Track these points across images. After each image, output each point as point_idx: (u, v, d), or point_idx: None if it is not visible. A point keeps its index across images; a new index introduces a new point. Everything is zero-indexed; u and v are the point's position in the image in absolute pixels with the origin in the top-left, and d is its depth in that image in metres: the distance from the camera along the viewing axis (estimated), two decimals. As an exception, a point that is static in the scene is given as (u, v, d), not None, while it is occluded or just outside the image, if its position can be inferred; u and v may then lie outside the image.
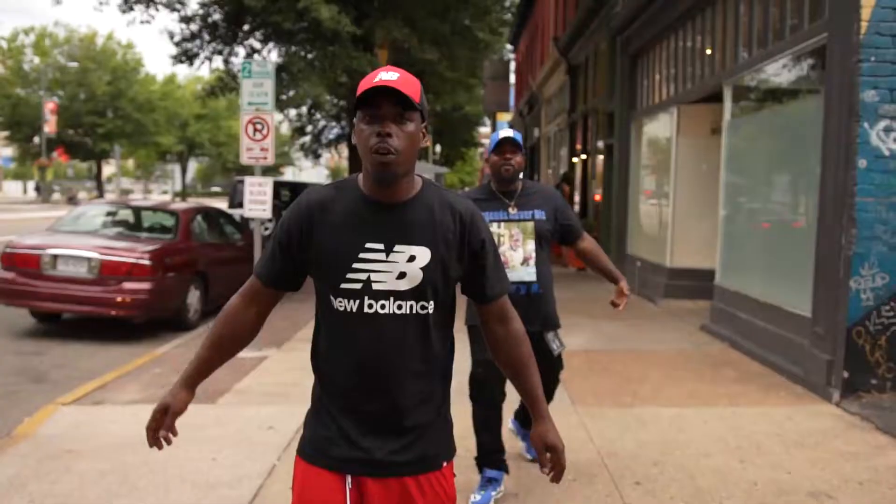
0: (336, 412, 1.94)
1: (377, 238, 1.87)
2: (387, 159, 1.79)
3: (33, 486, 4.05)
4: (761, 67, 7.41)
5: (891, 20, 5.34)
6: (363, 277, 1.87)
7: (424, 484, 1.93)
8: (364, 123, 1.83)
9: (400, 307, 1.88)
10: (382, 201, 1.89)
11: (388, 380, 1.90)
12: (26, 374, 6.73)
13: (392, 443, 1.92)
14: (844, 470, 4.22)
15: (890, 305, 5.44)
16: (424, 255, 1.88)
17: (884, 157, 5.39)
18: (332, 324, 1.93)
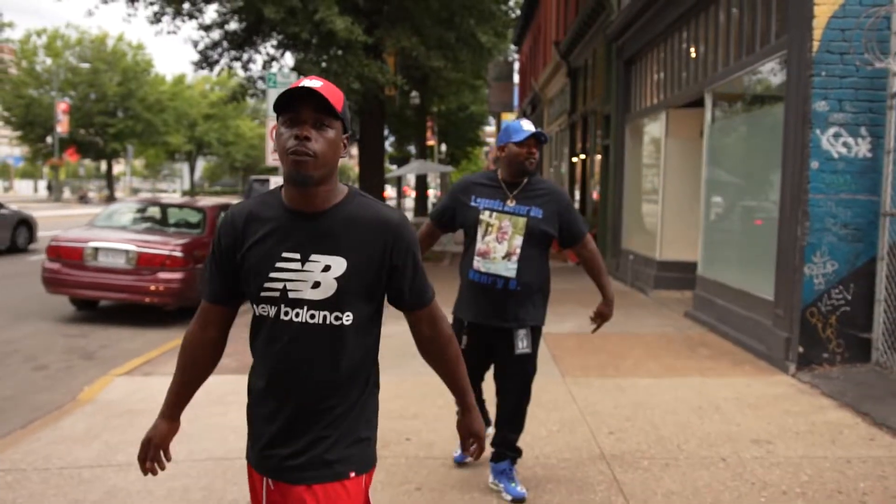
0: (255, 414, 2.01)
1: (294, 248, 1.88)
2: (303, 159, 1.79)
3: (106, 435, 4.86)
4: (736, 77, 8.19)
5: (839, 40, 6.11)
6: (279, 286, 1.89)
7: (320, 494, 1.90)
8: (284, 127, 1.84)
9: (313, 316, 1.89)
10: (302, 210, 1.89)
11: (299, 386, 1.91)
12: (76, 352, 7.55)
13: (294, 448, 1.92)
14: (786, 424, 5.00)
15: (839, 289, 6.22)
16: (340, 265, 1.88)
17: (833, 160, 6.17)
18: (256, 329, 1.97)
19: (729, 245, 8.57)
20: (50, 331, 8.47)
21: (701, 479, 4.04)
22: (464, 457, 4.15)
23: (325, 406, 1.92)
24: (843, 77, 6.14)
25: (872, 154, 6.15)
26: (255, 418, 2.00)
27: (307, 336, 1.89)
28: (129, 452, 4.56)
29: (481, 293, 3.69)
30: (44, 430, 5.00)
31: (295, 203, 1.89)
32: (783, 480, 4.02)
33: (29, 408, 5.64)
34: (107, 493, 3.94)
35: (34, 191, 76.55)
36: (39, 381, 6.43)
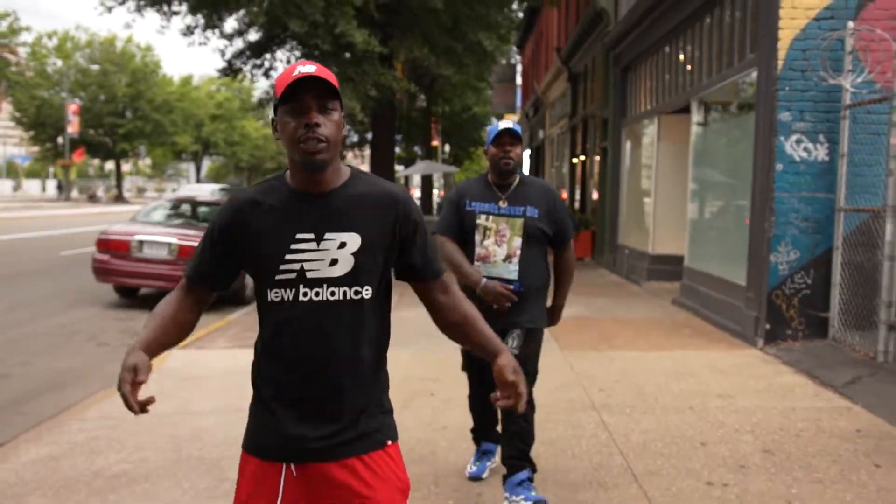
0: (272, 401, 1.95)
1: (307, 228, 1.89)
2: (317, 148, 1.82)
3: (178, 394, 5.82)
4: (717, 87, 9.15)
5: (800, 59, 7.07)
6: (296, 267, 1.89)
7: (370, 462, 1.94)
8: (289, 116, 1.85)
9: (333, 293, 1.89)
10: (311, 192, 1.91)
11: (325, 365, 1.91)
12: (129, 332, 8.51)
13: (329, 427, 1.92)
14: (748, 384, 5.96)
15: (800, 274, 7.18)
16: (355, 240, 1.90)
17: (795, 163, 7.13)
18: (271, 315, 1.94)
19: (711, 239, 9.54)
20: (101, 315, 9.44)
21: (671, 421, 5.00)
22: (479, 472, 4.01)
23: (354, 381, 1.93)
24: (804, 91, 7.10)
25: (829, 158, 7.11)
26: (272, 405, 1.95)
27: (330, 313, 1.89)
28: (203, 405, 5.54)
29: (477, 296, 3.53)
30: (124, 390, 5.96)
31: (303, 185, 1.91)
32: (737, 422, 4.99)
33: (103, 376, 6.58)
34: (192, 431, 4.90)
35: (42, 190, 77.56)
36: (105, 356, 7.40)
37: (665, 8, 10.83)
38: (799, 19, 7.07)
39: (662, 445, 4.55)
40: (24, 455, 4.48)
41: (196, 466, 4.27)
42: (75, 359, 7.21)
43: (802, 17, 7.07)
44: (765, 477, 4.05)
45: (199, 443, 4.67)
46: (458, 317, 2.06)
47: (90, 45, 54.13)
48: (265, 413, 1.97)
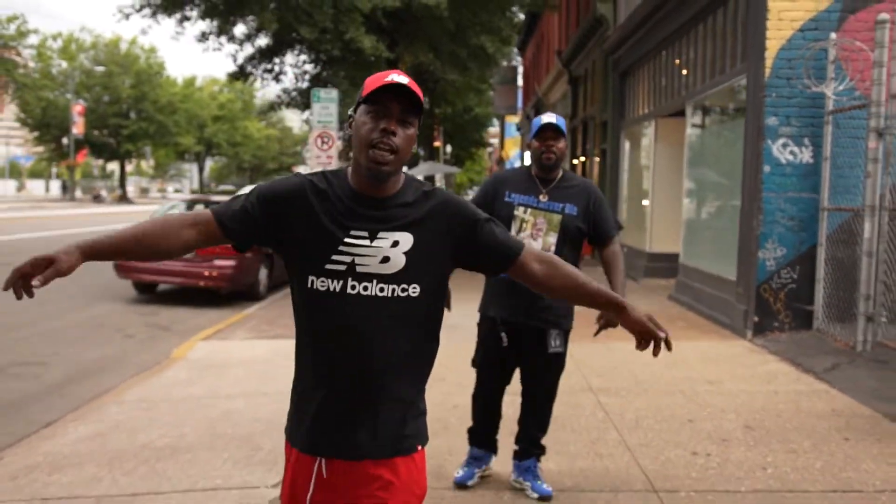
0: (314, 394, 1.94)
1: (362, 227, 1.89)
2: (385, 158, 1.83)
3: (205, 381, 6.27)
4: (710, 93, 9.61)
5: (786, 67, 7.52)
6: (347, 260, 1.88)
7: (396, 467, 1.94)
8: (368, 117, 1.84)
9: (382, 290, 1.88)
10: (369, 195, 1.91)
11: (366, 360, 1.89)
12: (153, 326, 8.97)
13: (364, 425, 1.91)
14: (735, 371, 6.42)
15: (787, 270, 7.63)
16: (407, 240, 1.89)
17: (781, 165, 7.58)
18: (315, 305, 1.91)
19: (704, 237, 9.99)
20: (125, 310, 9.91)
21: (663, 402, 5.46)
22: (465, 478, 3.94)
23: (394, 378, 1.92)
24: (789, 98, 7.56)
25: (813, 160, 7.56)
26: (311, 398, 1.95)
27: (377, 308, 1.88)
28: (230, 390, 6.00)
29: (514, 291, 3.51)
30: (155, 377, 6.42)
31: (363, 188, 1.91)
32: (723, 403, 5.44)
33: (133, 364, 7.05)
34: (223, 412, 5.35)
35: (46, 191, 78.04)
36: (133, 346, 7.86)
37: (661, 16, 11.28)
38: (785, 30, 7.53)
39: (654, 422, 5.01)
40: (73, 432, 4.94)
41: (231, 441, 4.73)
42: (105, 348, 7.67)
43: (788, 28, 7.53)
44: (744, 448, 4.51)
45: (231, 421, 5.12)
46: (559, 282, 2.02)
47: (95, 47, 54.56)
48: (303, 404, 1.97)
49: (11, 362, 6.92)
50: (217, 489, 3.94)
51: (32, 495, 3.90)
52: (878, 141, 6.58)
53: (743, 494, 3.85)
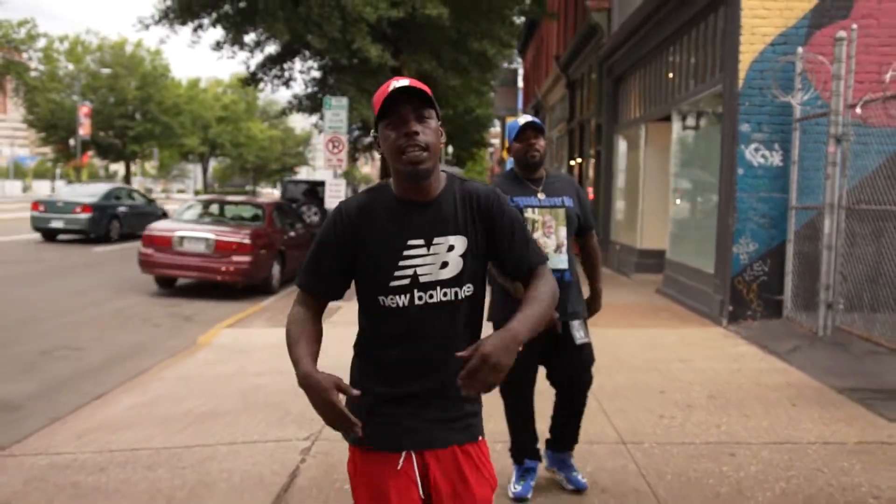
0: (385, 397, 2.01)
1: (417, 235, 1.95)
2: (419, 157, 1.88)
3: (233, 361, 7.01)
4: (693, 100, 10.34)
5: (758, 78, 8.26)
6: (410, 273, 1.94)
7: (469, 452, 2.04)
8: (390, 130, 1.91)
9: (446, 294, 1.96)
10: (416, 201, 1.97)
11: (439, 362, 1.98)
12: (177, 316, 9.71)
13: (438, 417, 2.01)
14: (707, 353, 7.16)
15: (759, 263, 8.37)
16: (462, 242, 1.97)
17: (754, 167, 8.32)
18: (383, 320, 1.99)
19: (688, 234, 10.74)
20: (149, 302, 10.65)
21: (639, 378, 6.20)
22: (524, 493, 3.81)
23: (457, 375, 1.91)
24: (761, 106, 8.29)
25: (783, 163, 8.29)
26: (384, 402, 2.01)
27: (440, 313, 1.97)
28: (256, 369, 6.74)
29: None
30: (187, 359, 7.16)
31: (408, 195, 1.97)
32: (691, 378, 6.18)
33: (164, 348, 7.79)
34: (252, 386, 6.09)
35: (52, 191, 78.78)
36: (161, 334, 8.60)
37: (650, 27, 12.02)
38: (757, 44, 8.26)
39: (629, 393, 5.75)
40: (123, 402, 5.68)
41: (263, 407, 5.47)
42: (137, 335, 8.41)
43: (760, 42, 8.26)
44: (705, 413, 5.25)
45: (261, 393, 5.86)
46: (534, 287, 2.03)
47: (101, 49, 55.21)
48: (376, 408, 2.01)
49: (55, 346, 7.66)
50: (256, 442, 4.69)
51: (100, 448, 4.64)
52: (837, 146, 7.31)
53: (696, 445, 4.59)
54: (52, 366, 6.92)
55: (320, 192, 18.11)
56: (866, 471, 4.16)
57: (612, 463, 4.32)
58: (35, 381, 6.40)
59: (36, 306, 9.75)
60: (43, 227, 18.41)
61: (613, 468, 4.24)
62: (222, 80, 71.18)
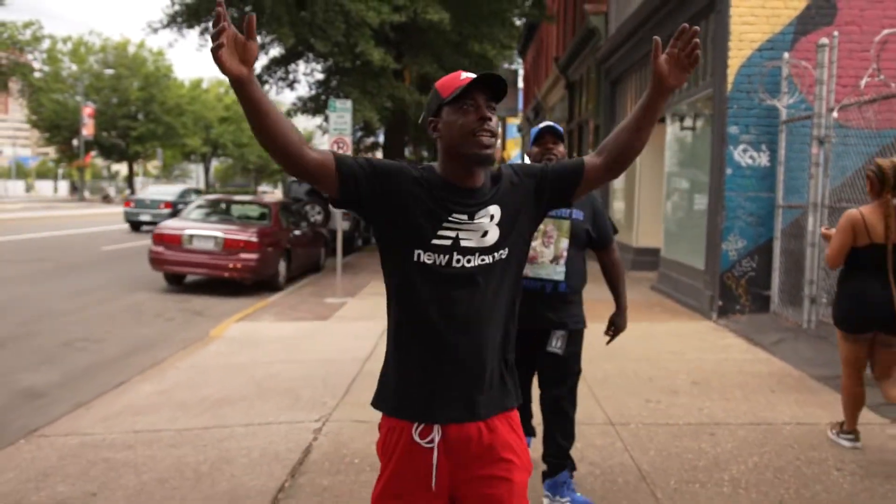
0: (419, 364, 2.02)
1: (461, 211, 1.99)
2: (490, 141, 1.95)
3: (245, 352, 7.37)
4: (686, 103, 10.70)
5: (746, 83, 8.61)
6: (452, 235, 1.98)
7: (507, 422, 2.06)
8: (458, 115, 1.96)
9: (483, 259, 1.99)
10: (464, 186, 2.01)
11: (474, 327, 1.99)
12: (188, 311, 10.08)
13: (474, 387, 2.00)
14: (695, 344, 7.52)
15: (747, 259, 8.72)
16: (496, 211, 2.02)
17: (742, 168, 8.67)
18: (419, 278, 1.99)
19: (681, 232, 11.09)
20: (159, 298, 11.02)
21: (629, 366, 6.56)
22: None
23: (493, 339, 2.03)
24: (749, 109, 8.65)
25: (770, 164, 8.65)
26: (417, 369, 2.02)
27: (478, 277, 1.99)
28: (267, 358, 7.10)
29: (527, 298, 3.21)
30: (201, 350, 7.52)
31: (457, 180, 2.01)
32: (679, 367, 6.54)
33: (177, 340, 8.15)
34: (265, 374, 6.45)
35: (54, 191, 79.24)
36: (174, 327, 8.96)
37: (645, 32, 12.37)
38: (745, 50, 8.62)
39: (619, 380, 6.11)
40: (143, 389, 6.04)
41: (276, 393, 5.83)
42: (150, 329, 8.78)
43: (748, 48, 8.62)
44: (688, 398, 5.61)
45: (273, 381, 6.22)
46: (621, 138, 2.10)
47: (104, 50, 55.59)
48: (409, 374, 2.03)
49: (75, 338, 8.02)
50: (270, 424, 5.05)
51: (125, 430, 5.00)
52: (820, 148, 7.67)
53: (679, 426, 4.95)
54: (72, 357, 7.29)
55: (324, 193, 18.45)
56: (833, 447, 4.52)
57: (600, 441, 4.68)
58: (58, 370, 6.76)
59: (52, 302, 10.12)
60: (133, 220, 23.87)
61: (602, 445, 4.60)
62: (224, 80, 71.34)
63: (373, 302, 10.44)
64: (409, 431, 2.01)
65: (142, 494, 3.88)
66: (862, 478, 4.06)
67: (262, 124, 1.85)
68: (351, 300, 10.68)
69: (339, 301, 10.49)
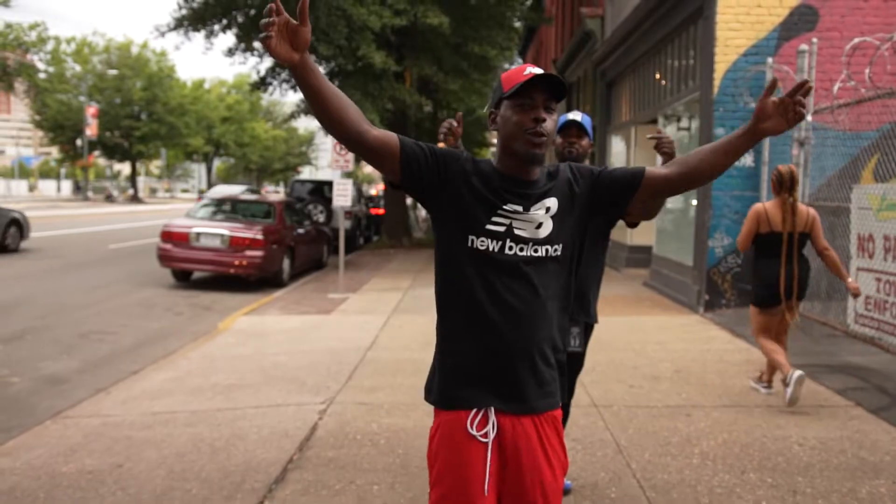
0: (471, 353, 2.01)
1: (516, 202, 2.02)
2: (540, 142, 1.97)
3: (252, 343, 7.76)
4: (676, 105, 11.08)
5: (731, 87, 8.99)
6: (506, 223, 2.00)
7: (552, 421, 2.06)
8: (515, 111, 2.00)
9: (536, 251, 2.01)
10: (520, 178, 2.04)
11: (525, 320, 1.99)
12: (197, 306, 10.47)
13: (524, 380, 2.00)
14: (681, 335, 7.90)
15: (732, 256, 9.10)
16: (553, 204, 2.03)
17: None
18: (473, 264, 2.00)
19: (671, 230, 11.47)
20: (168, 293, 11.41)
21: (616, 356, 6.94)
22: None
23: (543, 330, 2.02)
24: (734, 112, 9.02)
25: (755, 164, 9.02)
26: (470, 357, 2.02)
27: (530, 268, 2.00)
28: (274, 349, 7.49)
29: None
30: (210, 342, 7.90)
31: (514, 172, 2.05)
32: (663, 356, 6.92)
33: (188, 333, 8.53)
34: (272, 363, 6.84)
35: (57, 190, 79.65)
36: (183, 321, 9.35)
37: (638, 36, 12.75)
38: (731, 55, 9.00)
39: (605, 368, 6.49)
40: (158, 377, 6.42)
41: (281, 380, 6.21)
42: (162, 322, 9.17)
43: (733, 53, 9.00)
44: (669, 384, 5.99)
45: (280, 369, 6.60)
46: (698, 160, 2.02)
47: (107, 51, 55.95)
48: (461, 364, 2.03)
49: (91, 331, 8.41)
50: (279, 406, 5.43)
51: (143, 412, 5.38)
52: (800, 149, 8.04)
53: (658, 408, 5.33)
54: (90, 347, 7.68)
55: (326, 192, 18.88)
56: (798, 426, 4.91)
57: (583, 421, 5.06)
58: (77, 359, 7.15)
59: (65, 297, 10.52)
60: None
61: (584, 424, 4.98)
62: (226, 80, 71.87)
63: (374, 297, 10.83)
64: (464, 424, 2.00)
65: (163, 466, 4.27)
66: (820, 451, 4.44)
67: (318, 106, 1.90)
68: (353, 295, 11.07)
69: (341, 296, 10.88)
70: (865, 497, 3.79)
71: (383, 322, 8.81)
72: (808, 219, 5.41)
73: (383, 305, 10.07)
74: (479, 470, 1.97)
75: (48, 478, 4.10)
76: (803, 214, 5.41)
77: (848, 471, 4.13)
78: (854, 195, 6.76)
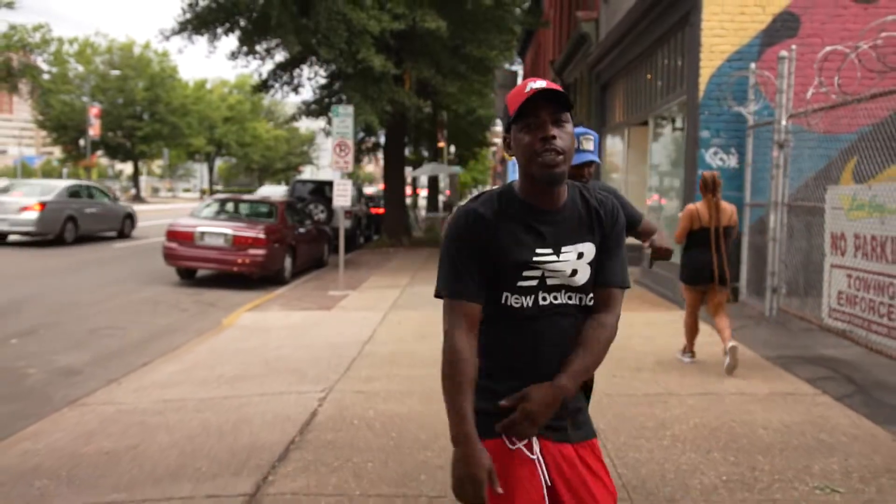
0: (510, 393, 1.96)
1: (547, 244, 1.95)
2: (555, 160, 1.87)
3: (255, 338, 8.12)
4: (665, 108, 11.43)
5: (716, 91, 9.33)
6: (538, 275, 1.95)
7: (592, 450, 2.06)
8: (525, 133, 1.90)
9: (570, 298, 1.98)
10: (544, 208, 1.97)
11: (558, 364, 1.96)
12: (201, 303, 10.83)
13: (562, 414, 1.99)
14: (666, 331, 8.25)
15: (717, 254, 9.43)
16: (590, 250, 1.99)
17: (712, 169, 9.39)
18: (508, 319, 1.98)
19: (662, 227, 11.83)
20: (173, 291, 11.77)
21: (602, 349, 7.28)
22: None
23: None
24: (718, 115, 9.37)
25: (739, 165, 9.37)
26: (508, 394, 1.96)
27: (566, 316, 1.98)
28: (276, 344, 7.84)
29: None
30: (215, 336, 8.26)
31: (537, 202, 1.97)
32: (647, 349, 7.28)
33: (193, 329, 8.89)
34: (275, 356, 7.19)
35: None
36: (188, 317, 9.71)
37: (630, 40, 13.10)
38: (715, 60, 9.34)
39: (591, 360, 6.83)
40: (166, 369, 6.78)
41: (284, 371, 6.57)
42: (168, 318, 9.53)
43: (718, 58, 9.34)
44: (649, 375, 6.34)
45: (282, 362, 6.96)
46: (587, 334, 2.00)
47: (110, 51, 56.32)
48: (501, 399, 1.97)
49: (100, 327, 8.78)
50: (282, 394, 5.79)
51: (154, 400, 5.74)
52: (780, 151, 8.39)
53: (637, 397, 5.68)
54: (100, 341, 8.04)
55: (327, 192, 19.22)
56: (765, 411, 5.26)
57: (566, 407, 5.40)
58: (88, 353, 7.52)
59: (74, 294, 10.89)
60: None
61: (567, 411, 5.32)
62: (228, 80, 72.25)
63: (373, 294, 11.19)
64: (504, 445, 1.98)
65: (175, 447, 4.62)
66: (782, 434, 4.79)
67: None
68: (353, 293, 11.42)
69: (341, 294, 11.23)
70: (818, 472, 4.14)
71: (381, 318, 9.16)
72: (731, 214, 6.51)
73: (382, 302, 10.43)
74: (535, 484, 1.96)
75: (69, 458, 4.46)
76: (727, 211, 6.50)
77: (805, 450, 4.49)
78: (828, 196, 7.10)
